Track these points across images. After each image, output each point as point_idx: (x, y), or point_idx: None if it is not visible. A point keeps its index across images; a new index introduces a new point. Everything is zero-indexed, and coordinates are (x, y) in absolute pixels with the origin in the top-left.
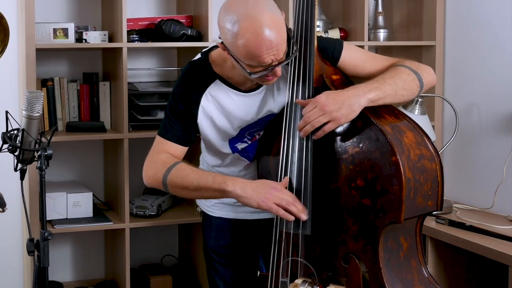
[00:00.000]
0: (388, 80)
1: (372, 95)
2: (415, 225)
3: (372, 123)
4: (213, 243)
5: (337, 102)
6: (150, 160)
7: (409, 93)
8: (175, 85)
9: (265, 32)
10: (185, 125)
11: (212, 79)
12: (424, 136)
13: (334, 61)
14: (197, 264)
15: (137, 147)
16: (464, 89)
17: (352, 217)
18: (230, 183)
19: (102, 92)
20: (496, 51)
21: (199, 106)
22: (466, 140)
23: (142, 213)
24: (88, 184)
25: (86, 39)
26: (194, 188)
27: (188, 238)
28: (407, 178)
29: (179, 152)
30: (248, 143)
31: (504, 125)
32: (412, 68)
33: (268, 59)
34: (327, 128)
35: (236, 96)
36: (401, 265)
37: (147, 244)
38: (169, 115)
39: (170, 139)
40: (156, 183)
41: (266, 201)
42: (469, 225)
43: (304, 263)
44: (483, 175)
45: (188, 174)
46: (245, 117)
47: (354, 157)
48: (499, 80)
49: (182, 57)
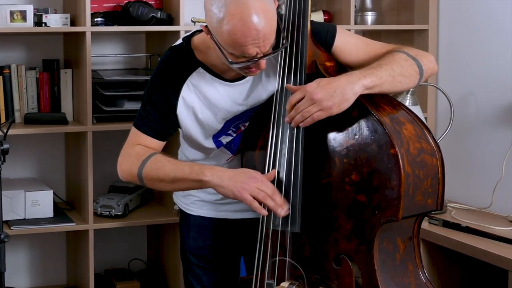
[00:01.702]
0: (385, 66)
1: (368, 81)
2: (413, 225)
3: (370, 113)
4: (191, 244)
5: (328, 90)
6: (125, 153)
7: (408, 81)
8: (153, 73)
9: (253, 20)
10: (163, 117)
11: (194, 67)
12: (425, 129)
13: (327, 47)
14: (168, 268)
15: (102, 141)
16: (459, 77)
17: (345, 214)
18: (208, 172)
19: (63, 81)
20: (495, 35)
21: (179, 96)
22: (461, 133)
23: (107, 213)
24: (48, 181)
25: (46, 22)
26: (171, 180)
27: (157, 240)
28: (406, 173)
29: (155, 146)
30: (233, 136)
31: (503, 116)
32: (410, 54)
33: (253, 50)
34: (316, 116)
35: (220, 85)
36: (397, 268)
37: (113, 247)
38: (146, 105)
39: (145, 132)
40: (131, 177)
41: (242, 191)
42: (465, 226)
43: (291, 264)
44: (481, 171)
45: (164, 165)
46: (230, 109)
47: (349, 150)
48: (498, 67)
49: (151, 42)
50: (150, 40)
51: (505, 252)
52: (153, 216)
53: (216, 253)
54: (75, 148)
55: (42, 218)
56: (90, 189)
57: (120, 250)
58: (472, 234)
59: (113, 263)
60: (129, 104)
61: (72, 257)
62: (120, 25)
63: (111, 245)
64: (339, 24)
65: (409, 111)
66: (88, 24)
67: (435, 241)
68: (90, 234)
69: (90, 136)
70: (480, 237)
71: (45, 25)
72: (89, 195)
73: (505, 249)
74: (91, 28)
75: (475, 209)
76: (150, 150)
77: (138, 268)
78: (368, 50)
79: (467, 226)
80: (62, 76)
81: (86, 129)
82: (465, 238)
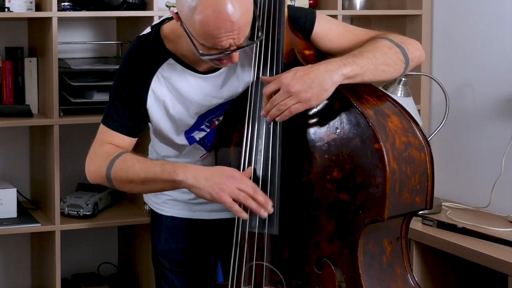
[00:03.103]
0: (367, 54)
1: (348, 70)
2: (401, 225)
3: (352, 105)
4: (163, 246)
5: (305, 81)
6: (93, 153)
7: (393, 70)
8: (121, 65)
9: (228, 10)
10: (133, 112)
11: (164, 58)
12: (412, 122)
13: (306, 34)
14: (140, 273)
15: (69, 135)
16: (455, 66)
17: (327, 215)
18: (181, 172)
19: (28, 70)
20: (494, 21)
21: (149, 89)
22: (457, 126)
23: (75, 213)
24: (12, 179)
25: (9, 7)
26: (141, 180)
27: (129, 243)
28: (392, 169)
29: (126, 143)
30: (207, 131)
31: (502, 109)
32: (394, 41)
33: (226, 42)
34: (294, 108)
35: (192, 77)
36: (384, 271)
37: (81, 250)
38: (114, 100)
39: (115, 128)
40: (100, 178)
41: (220, 193)
42: (461, 227)
43: (270, 269)
44: (478, 168)
45: (133, 165)
46: (203, 102)
47: (330, 145)
48: (497, 56)
49: (123, 28)
50: (121, 26)
51: (504, 255)
52: (125, 216)
53: (190, 256)
54: (40, 143)
55: (5, 219)
56: (56, 187)
57: (89, 253)
58: (469, 236)
59: (82, 267)
60: (99, 95)
61: (37, 260)
62: (89, 10)
63: (79, 247)
64: (325, 9)
65: (395, 103)
66: (55, 9)
67: (429, 243)
68: (57, 235)
69: (56, 130)
70: (477, 239)
71: (7, 10)
72: (55, 194)
73: (504, 252)
74: (58, 13)
75: (472, 208)
76: (119, 149)
77: (108, 273)
78: (350, 37)
79: (464, 227)
80: (26, 65)
81: (53, 122)
82: (461, 240)
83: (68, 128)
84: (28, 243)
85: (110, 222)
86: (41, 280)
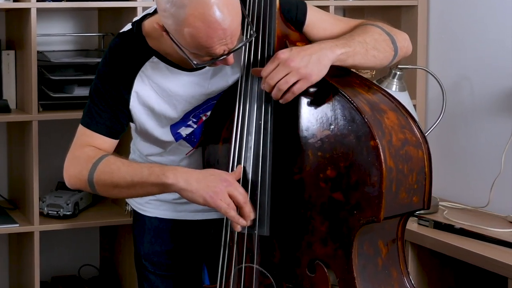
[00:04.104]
0: (357, 38)
1: (341, 51)
2: (397, 226)
3: (346, 100)
4: (147, 249)
5: (303, 57)
6: (72, 156)
7: (382, 56)
8: (101, 63)
9: (217, 19)
10: (115, 112)
11: (147, 56)
12: (409, 118)
13: (299, 25)
14: (123, 276)
15: (49, 132)
16: (452, 59)
17: (320, 215)
18: (171, 174)
19: (5, 64)
20: (493, 12)
21: (132, 90)
22: (455, 122)
23: (55, 213)
24: None
25: None
26: (127, 184)
27: (111, 244)
28: (388, 168)
29: (108, 146)
30: (194, 127)
31: (502, 104)
32: (384, 29)
33: (220, 49)
34: (296, 88)
35: (178, 75)
36: (379, 274)
37: (61, 252)
38: (94, 100)
39: (96, 130)
40: (80, 183)
41: (214, 197)
42: (459, 228)
43: (260, 271)
44: (477, 166)
45: (118, 168)
46: (191, 100)
47: (324, 142)
48: (496, 48)
49: (105, 20)
50: (103, 17)
51: (504, 257)
52: (107, 217)
53: (175, 259)
54: (18, 139)
55: None
56: (35, 186)
57: (69, 254)
58: (467, 237)
59: (62, 270)
60: (80, 90)
61: (15, 262)
62: (69, 0)
63: (59, 249)
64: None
65: (391, 98)
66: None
67: (425, 244)
68: (36, 236)
69: (35, 126)
70: (476, 240)
71: None
72: (34, 193)
73: (504, 254)
74: (37, 4)
75: (470, 208)
76: (101, 152)
77: (89, 275)
78: (341, 25)
79: (461, 228)
80: (3, 58)
81: (31, 118)
82: (459, 241)
83: (47, 124)
84: (6, 245)
85: (92, 223)
86: (20, 283)
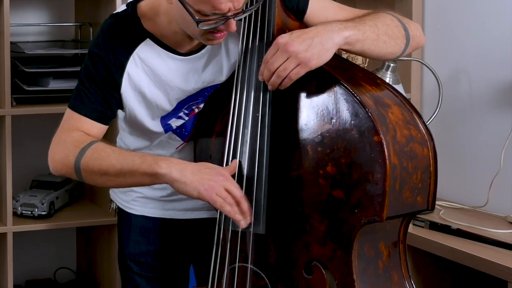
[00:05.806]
0: (369, 22)
1: (349, 33)
2: (399, 228)
3: (350, 92)
4: (132, 249)
5: (304, 40)
6: (58, 139)
7: (394, 43)
8: (92, 44)
9: None
10: (105, 96)
11: (141, 38)
12: (414, 113)
13: (299, 15)
14: (100, 279)
15: (22, 126)
16: (449, 51)
17: (319, 213)
18: (164, 164)
19: None
20: (491, 1)
21: (124, 72)
22: (452, 117)
23: (29, 212)
24: None
25: None
26: (116, 172)
27: (89, 246)
28: (393, 164)
29: (97, 131)
30: (185, 120)
31: (501, 98)
32: (397, 16)
33: (225, 6)
34: (293, 74)
35: (172, 60)
36: (380, 277)
37: (36, 254)
38: (84, 83)
39: (85, 114)
40: (66, 169)
41: (209, 190)
42: (456, 229)
43: (254, 272)
44: (475, 163)
45: (108, 155)
46: (184, 87)
47: (324, 137)
48: (495, 39)
49: (82, 9)
50: (80, 6)
51: (503, 260)
52: (84, 217)
53: (162, 259)
54: None
55: None
56: (8, 184)
57: (44, 257)
58: (465, 238)
59: (36, 273)
60: (55, 83)
61: None
62: None
63: (33, 251)
64: None
65: (396, 92)
66: None
67: (420, 246)
68: (9, 237)
69: (8, 120)
70: (474, 242)
71: None
72: (7, 192)
73: (503, 256)
74: None
75: (468, 208)
76: (90, 138)
77: (66, 279)
78: (345, 14)
79: (459, 229)
80: None
81: (4, 112)
82: (456, 242)
83: (21, 119)
84: None
85: (68, 223)
86: None
